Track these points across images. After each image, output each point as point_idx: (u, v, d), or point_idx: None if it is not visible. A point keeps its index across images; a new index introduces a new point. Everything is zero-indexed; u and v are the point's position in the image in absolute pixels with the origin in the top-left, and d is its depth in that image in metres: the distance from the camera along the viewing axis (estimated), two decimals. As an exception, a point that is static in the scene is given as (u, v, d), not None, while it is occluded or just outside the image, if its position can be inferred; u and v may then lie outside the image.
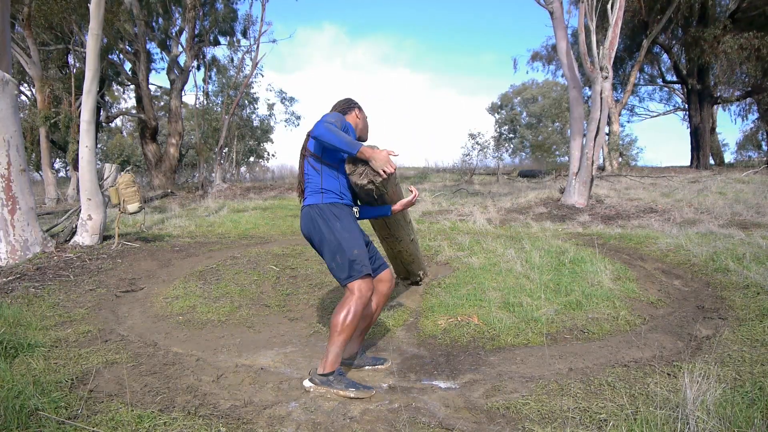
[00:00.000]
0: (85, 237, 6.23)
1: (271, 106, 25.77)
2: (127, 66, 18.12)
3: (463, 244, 5.88)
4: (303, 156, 2.75)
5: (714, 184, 11.18)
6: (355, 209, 2.79)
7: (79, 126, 6.75)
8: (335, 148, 2.50)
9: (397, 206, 2.94)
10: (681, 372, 2.55)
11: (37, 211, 6.28)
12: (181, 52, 17.85)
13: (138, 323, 3.79)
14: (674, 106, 24.71)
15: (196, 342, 3.39)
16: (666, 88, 24.12)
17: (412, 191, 2.96)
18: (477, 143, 27.33)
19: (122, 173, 6.63)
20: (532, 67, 23.28)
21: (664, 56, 20.88)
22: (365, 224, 4.76)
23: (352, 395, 2.46)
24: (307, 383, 2.54)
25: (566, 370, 2.80)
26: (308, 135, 2.74)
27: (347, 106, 2.93)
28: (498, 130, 33.27)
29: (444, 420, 2.23)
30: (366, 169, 2.60)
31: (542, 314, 3.66)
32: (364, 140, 2.96)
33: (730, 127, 76.16)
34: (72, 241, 6.24)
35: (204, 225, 8.32)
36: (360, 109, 2.94)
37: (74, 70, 15.55)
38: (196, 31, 17.75)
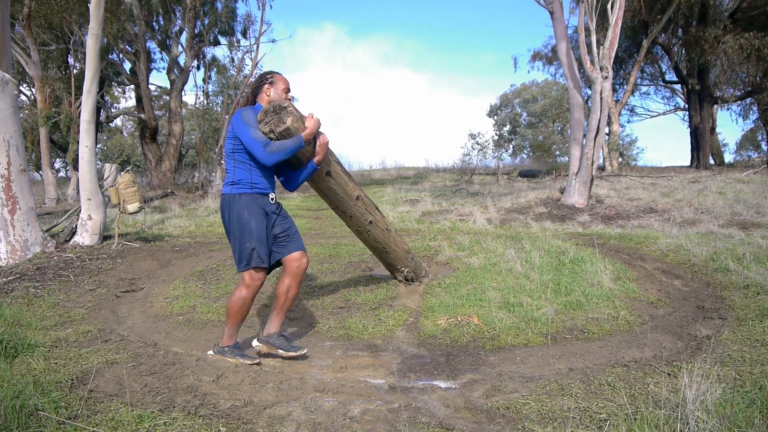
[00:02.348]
0: (85, 237, 6.23)
1: (271, 106, 25.75)
2: (127, 66, 18.13)
3: (463, 244, 5.88)
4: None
5: (714, 184, 11.18)
6: (271, 195, 2.97)
7: (79, 126, 6.75)
8: (289, 157, 2.84)
9: (317, 157, 3.06)
10: (681, 372, 2.55)
11: (37, 211, 6.29)
12: (181, 52, 17.85)
13: (138, 323, 3.79)
14: (674, 106, 24.72)
15: (196, 342, 3.39)
16: (666, 88, 24.13)
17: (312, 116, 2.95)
18: (477, 143, 27.34)
19: (122, 173, 6.63)
20: (533, 67, 23.24)
21: (665, 56, 20.88)
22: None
23: (241, 361, 2.89)
24: (209, 352, 3.00)
25: (566, 370, 2.80)
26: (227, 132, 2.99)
27: (257, 87, 3.02)
28: (497, 132, 33.28)
29: (444, 420, 2.23)
30: (272, 119, 2.83)
31: (542, 314, 3.66)
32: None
33: (730, 127, 76.22)
34: (72, 241, 6.24)
35: (204, 225, 8.32)
36: (270, 83, 3.00)
37: (74, 70, 15.55)
38: (196, 31, 17.74)
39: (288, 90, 3.04)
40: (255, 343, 3.04)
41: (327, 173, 3.34)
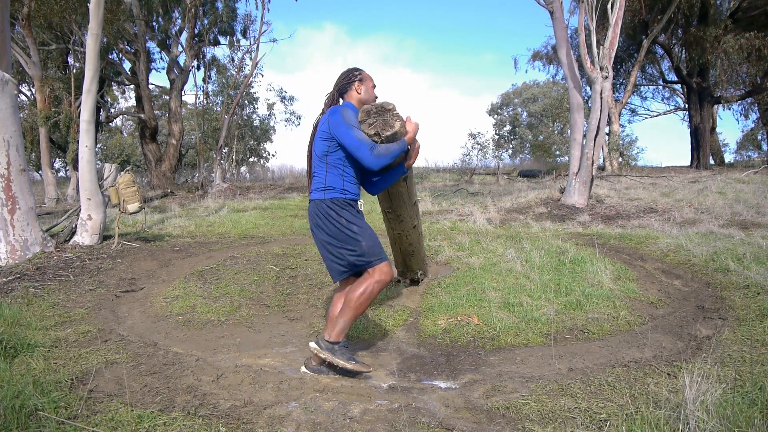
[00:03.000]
0: (84, 237, 6.23)
1: (271, 106, 25.77)
2: (127, 66, 18.13)
3: (463, 244, 5.88)
4: (310, 153, 2.79)
5: (714, 184, 11.18)
6: (360, 202, 2.82)
7: (78, 126, 6.75)
8: (392, 161, 2.64)
9: (410, 161, 2.92)
10: (681, 372, 2.55)
11: (37, 211, 6.28)
12: (181, 52, 17.85)
13: (138, 323, 3.79)
14: (675, 105, 24.71)
15: (196, 342, 3.39)
16: (666, 88, 24.12)
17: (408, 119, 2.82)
18: (477, 143, 27.33)
19: (122, 173, 6.63)
20: (533, 66, 23.23)
21: (665, 56, 20.87)
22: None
23: (350, 366, 2.58)
24: (312, 344, 2.65)
25: (566, 370, 2.80)
26: (315, 129, 2.79)
27: (346, 84, 2.84)
28: (498, 132, 33.27)
29: (444, 420, 2.23)
30: (376, 121, 2.68)
31: (542, 314, 3.66)
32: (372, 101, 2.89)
33: (731, 127, 76.17)
34: (72, 241, 6.24)
35: (204, 225, 8.32)
36: (360, 80, 2.83)
37: (74, 70, 15.55)
38: (196, 31, 17.75)
39: (374, 87, 2.89)
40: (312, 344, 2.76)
41: (405, 177, 3.28)
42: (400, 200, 3.53)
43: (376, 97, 2.89)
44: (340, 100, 2.85)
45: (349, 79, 2.83)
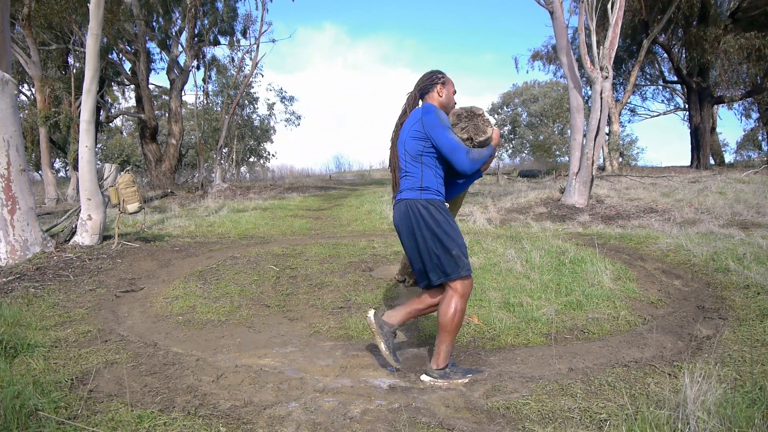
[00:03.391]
0: (84, 237, 6.23)
1: (271, 106, 25.77)
2: (127, 66, 18.13)
3: (463, 244, 5.87)
4: (396, 151, 2.72)
5: (714, 184, 11.18)
6: (448, 205, 2.82)
7: (78, 126, 6.75)
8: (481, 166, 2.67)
9: (485, 166, 2.83)
10: (681, 372, 2.55)
11: (37, 211, 6.28)
12: (181, 52, 17.85)
13: (138, 323, 3.79)
14: (675, 105, 24.70)
15: (196, 342, 3.39)
16: (666, 88, 24.12)
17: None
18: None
19: (122, 173, 6.63)
20: (533, 66, 23.22)
21: (665, 56, 20.86)
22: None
23: (466, 381, 2.62)
24: (425, 377, 2.67)
25: (566, 370, 2.80)
26: (398, 127, 2.75)
27: (428, 86, 2.79)
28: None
29: (444, 420, 2.23)
30: (468, 125, 2.72)
31: (542, 314, 3.66)
32: (451, 107, 2.86)
33: (732, 127, 76.14)
34: (72, 241, 6.24)
35: (204, 225, 8.32)
36: (443, 83, 2.79)
37: (74, 70, 15.55)
38: (196, 31, 17.75)
39: (455, 93, 2.87)
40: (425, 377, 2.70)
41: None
42: (455, 206, 3.51)
43: (455, 103, 2.87)
44: (420, 102, 2.80)
45: (432, 81, 2.78)
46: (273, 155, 28.39)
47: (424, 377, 2.68)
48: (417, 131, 2.60)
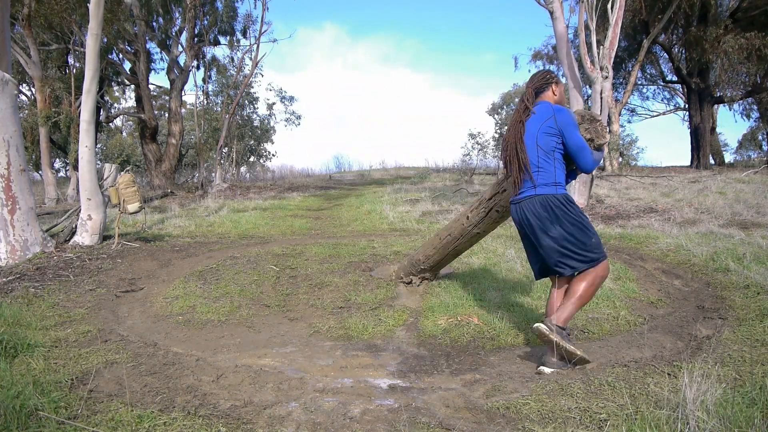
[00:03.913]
0: (85, 237, 6.23)
1: (271, 106, 25.72)
2: (127, 66, 18.12)
3: (463, 244, 5.88)
4: (523, 147, 2.76)
5: (714, 184, 11.18)
6: None
7: (79, 126, 6.75)
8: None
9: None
10: (681, 372, 2.55)
11: (37, 211, 6.28)
12: (181, 52, 17.85)
13: (138, 323, 3.79)
14: (675, 105, 24.70)
15: (196, 342, 3.39)
16: (666, 88, 24.11)
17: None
18: (477, 143, 27.34)
19: (122, 173, 6.63)
20: (535, 65, 23.20)
21: (665, 56, 20.86)
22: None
23: (579, 353, 2.66)
24: (541, 326, 2.68)
25: (566, 369, 2.80)
26: (520, 124, 2.80)
27: (543, 85, 2.89)
28: (499, 131, 33.28)
29: (444, 420, 2.23)
30: (590, 128, 2.86)
31: (542, 314, 3.66)
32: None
33: (732, 126, 76.15)
34: (72, 241, 6.24)
35: (204, 225, 8.32)
36: (556, 82, 2.91)
37: (74, 70, 15.55)
38: (196, 31, 17.74)
39: None
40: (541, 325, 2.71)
41: None
42: None
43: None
44: (538, 99, 2.90)
45: (547, 80, 2.89)
46: (273, 155, 28.36)
47: (540, 325, 2.68)
48: (550, 127, 2.68)
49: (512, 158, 2.80)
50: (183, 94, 18.28)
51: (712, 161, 19.98)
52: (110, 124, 25.13)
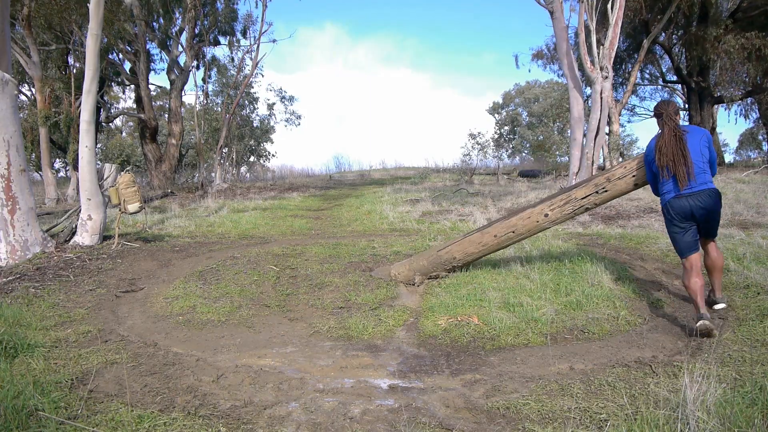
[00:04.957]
0: (85, 237, 6.23)
1: (271, 106, 25.72)
2: (127, 66, 18.12)
3: (463, 244, 5.87)
4: (688, 153, 3.49)
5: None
6: None
7: (79, 126, 6.75)
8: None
9: None
10: (681, 372, 2.55)
11: (37, 211, 6.29)
12: (181, 52, 17.85)
13: (138, 323, 3.79)
14: (674, 105, 24.64)
15: (196, 342, 3.39)
16: (666, 88, 24.10)
17: None
18: (477, 143, 27.33)
19: (122, 173, 6.63)
20: (536, 65, 23.21)
21: (665, 56, 20.86)
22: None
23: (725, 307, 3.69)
24: (718, 306, 3.66)
25: (566, 370, 2.80)
26: (677, 138, 3.51)
27: (676, 111, 3.71)
28: (498, 130, 33.30)
29: (444, 420, 2.23)
30: None
31: (542, 314, 3.66)
32: None
33: (732, 126, 76.16)
34: (72, 241, 6.24)
35: (204, 225, 8.32)
36: (677, 111, 3.76)
37: (74, 70, 15.54)
38: (196, 31, 17.74)
39: None
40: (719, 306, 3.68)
41: None
42: None
43: None
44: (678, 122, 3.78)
45: (677, 109, 3.74)
46: (273, 155, 28.36)
47: (721, 305, 3.66)
48: (708, 142, 3.56)
49: (676, 160, 3.49)
50: (183, 94, 18.29)
51: (712, 161, 19.95)
52: (110, 124, 25.14)
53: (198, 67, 19.32)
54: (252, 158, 27.74)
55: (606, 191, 3.78)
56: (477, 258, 4.43)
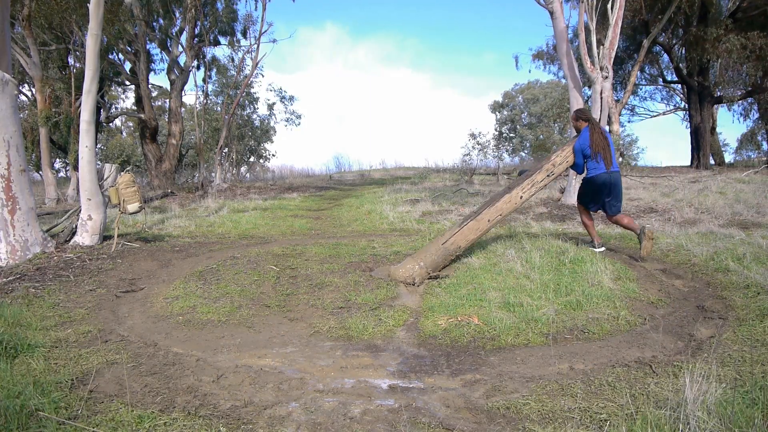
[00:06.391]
0: (85, 237, 6.23)
1: (271, 106, 25.72)
2: (127, 66, 18.11)
3: (464, 244, 5.88)
4: (608, 143, 5.05)
5: (714, 183, 11.17)
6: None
7: (79, 126, 6.76)
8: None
9: None
10: (681, 372, 2.55)
11: (37, 211, 6.29)
12: (181, 52, 17.84)
13: (138, 323, 3.79)
14: (674, 105, 24.68)
15: (196, 342, 3.39)
16: (666, 88, 24.09)
17: None
18: (477, 143, 27.36)
19: (122, 173, 6.63)
20: (536, 66, 23.22)
21: (665, 56, 20.86)
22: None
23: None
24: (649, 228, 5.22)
25: (567, 370, 2.80)
26: (602, 133, 5.09)
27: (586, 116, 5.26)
28: (498, 129, 33.30)
29: (444, 420, 2.23)
30: None
31: (542, 314, 3.66)
32: None
33: (732, 126, 76.19)
34: (72, 241, 6.24)
35: (204, 225, 8.32)
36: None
37: (74, 70, 15.54)
38: (196, 31, 17.73)
39: None
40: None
41: None
42: None
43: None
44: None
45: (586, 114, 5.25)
46: (273, 155, 28.35)
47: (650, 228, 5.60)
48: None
49: (601, 146, 5.00)
50: (183, 94, 18.28)
51: (712, 161, 19.96)
52: (110, 124, 25.14)
53: (198, 67, 19.32)
54: (252, 158, 27.74)
55: (553, 173, 5.08)
56: (475, 241, 5.11)
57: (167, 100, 20.30)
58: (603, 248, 5.30)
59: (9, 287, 4.52)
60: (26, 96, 19.81)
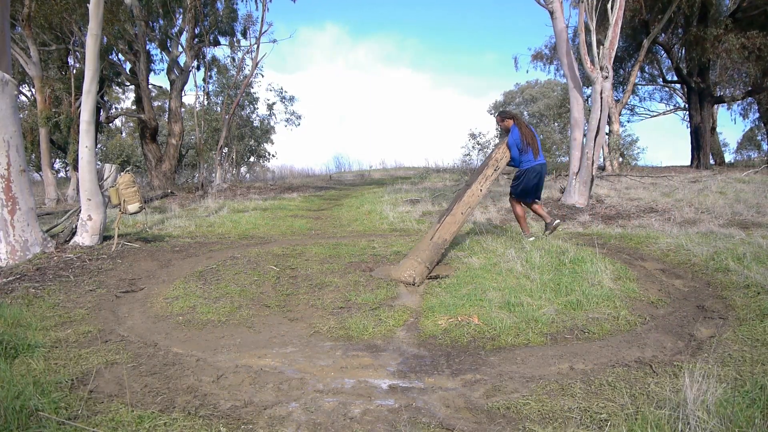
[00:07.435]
0: (85, 237, 6.23)
1: (271, 106, 25.69)
2: (127, 66, 18.11)
3: (463, 244, 5.88)
4: (536, 137, 5.68)
5: (714, 183, 11.17)
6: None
7: (79, 126, 6.76)
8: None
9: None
10: (682, 372, 2.55)
11: (37, 211, 6.28)
12: (181, 53, 17.83)
13: (138, 323, 3.79)
14: (674, 105, 24.68)
15: (196, 342, 3.39)
16: (666, 88, 24.09)
17: None
18: (477, 143, 27.33)
19: (122, 173, 6.62)
20: (534, 66, 23.18)
21: (665, 56, 20.85)
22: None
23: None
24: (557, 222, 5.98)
25: (567, 369, 2.80)
26: (530, 130, 5.70)
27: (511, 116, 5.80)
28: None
29: (444, 420, 2.23)
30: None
31: (543, 314, 3.66)
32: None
33: (732, 126, 76.17)
34: (72, 241, 6.24)
35: (204, 225, 8.32)
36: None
37: (74, 71, 15.54)
38: (196, 32, 17.72)
39: None
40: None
41: None
42: None
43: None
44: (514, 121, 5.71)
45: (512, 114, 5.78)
46: (273, 155, 28.32)
47: (558, 221, 5.99)
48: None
49: (530, 141, 5.57)
50: (183, 94, 18.26)
51: (712, 161, 19.96)
52: (110, 124, 25.14)
53: (198, 68, 19.31)
54: (252, 158, 27.72)
55: (498, 168, 5.52)
56: (456, 233, 5.41)
57: (167, 101, 20.29)
58: (533, 237, 5.80)
59: (9, 287, 4.52)
60: (26, 96, 19.81)
